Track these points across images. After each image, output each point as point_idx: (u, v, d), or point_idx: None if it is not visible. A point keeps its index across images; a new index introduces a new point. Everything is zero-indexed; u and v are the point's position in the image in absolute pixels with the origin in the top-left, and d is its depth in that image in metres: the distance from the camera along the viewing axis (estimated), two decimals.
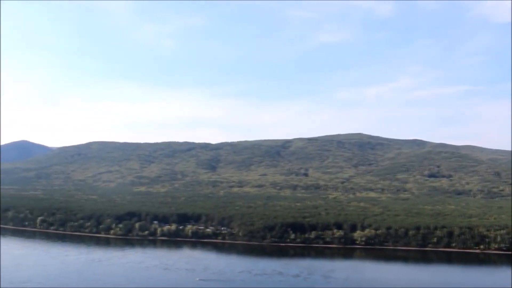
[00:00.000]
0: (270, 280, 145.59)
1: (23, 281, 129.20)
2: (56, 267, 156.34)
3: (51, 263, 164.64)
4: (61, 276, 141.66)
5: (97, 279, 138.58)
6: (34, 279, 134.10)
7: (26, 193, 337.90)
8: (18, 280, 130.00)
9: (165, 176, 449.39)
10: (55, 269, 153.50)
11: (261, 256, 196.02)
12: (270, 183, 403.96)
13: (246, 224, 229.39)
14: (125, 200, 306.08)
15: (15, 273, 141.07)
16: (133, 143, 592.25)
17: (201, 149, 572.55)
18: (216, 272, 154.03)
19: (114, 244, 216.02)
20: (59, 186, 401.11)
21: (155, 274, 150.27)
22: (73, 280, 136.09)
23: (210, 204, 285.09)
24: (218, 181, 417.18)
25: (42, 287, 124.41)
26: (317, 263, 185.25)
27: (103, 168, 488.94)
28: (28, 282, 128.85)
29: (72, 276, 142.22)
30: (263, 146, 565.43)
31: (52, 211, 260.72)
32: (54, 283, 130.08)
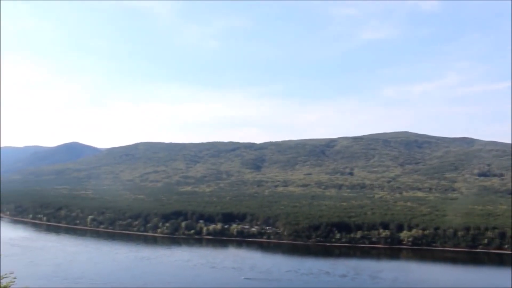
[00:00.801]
0: (317, 280, 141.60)
1: (77, 277, 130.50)
2: (107, 264, 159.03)
3: (102, 260, 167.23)
4: (112, 273, 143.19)
5: (147, 277, 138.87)
6: (87, 275, 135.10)
7: (77, 193, 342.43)
8: (72, 276, 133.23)
9: (211, 176, 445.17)
10: (106, 266, 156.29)
11: (307, 255, 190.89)
12: (315, 183, 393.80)
13: (291, 223, 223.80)
14: (171, 199, 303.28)
15: (69, 269, 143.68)
16: (179, 143, 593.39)
17: (246, 148, 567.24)
18: (263, 271, 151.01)
19: (161, 243, 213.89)
20: (108, 186, 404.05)
21: (203, 272, 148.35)
22: (123, 277, 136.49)
23: (255, 203, 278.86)
24: (263, 180, 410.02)
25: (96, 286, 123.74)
26: (363, 263, 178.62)
27: (150, 168, 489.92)
28: (81, 278, 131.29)
29: (123, 273, 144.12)
30: (308, 145, 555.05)
31: (101, 210, 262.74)
32: (106, 279, 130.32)
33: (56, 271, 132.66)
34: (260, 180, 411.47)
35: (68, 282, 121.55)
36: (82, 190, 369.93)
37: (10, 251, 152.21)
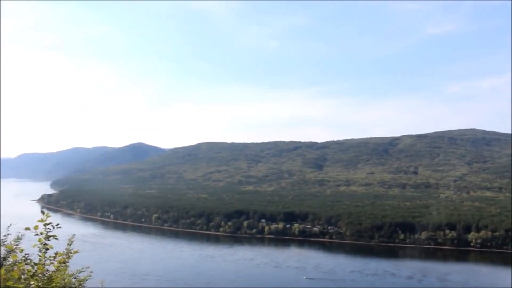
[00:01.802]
0: (382, 281, 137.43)
1: (144, 274, 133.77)
2: (172, 262, 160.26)
3: (168, 257, 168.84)
4: (178, 270, 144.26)
5: (211, 274, 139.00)
6: (153, 272, 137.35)
7: (142, 192, 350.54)
8: (139, 272, 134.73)
9: (272, 175, 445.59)
10: (171, 263, 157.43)
11: (370, 256, 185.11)
12: (378, 182, 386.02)
13: (353, 223, 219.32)
14: (233, 198, 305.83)
15: (136, 266, 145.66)
16: (240, 143, 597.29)
17: (307, 148, 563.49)
18: (327, 271, 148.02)
19: (224, 241, 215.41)
20: (172, 185, 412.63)
21: (266, 271, 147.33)
22: (188, 274, 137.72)
23: (317, 203, 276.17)
24: (324, 180, 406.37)
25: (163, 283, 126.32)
26: (429, 265, 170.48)
27: (213, 168, 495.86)
28: (148, 275, 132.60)
29: (188, 270, 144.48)
30: (370, 144, 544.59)
31: (166, 209, 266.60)
32: (172, 276, 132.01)
33: (124, 267, 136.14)
34: (322, 180, 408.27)
35: (136, 278, 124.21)
36: (147, 189, 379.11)
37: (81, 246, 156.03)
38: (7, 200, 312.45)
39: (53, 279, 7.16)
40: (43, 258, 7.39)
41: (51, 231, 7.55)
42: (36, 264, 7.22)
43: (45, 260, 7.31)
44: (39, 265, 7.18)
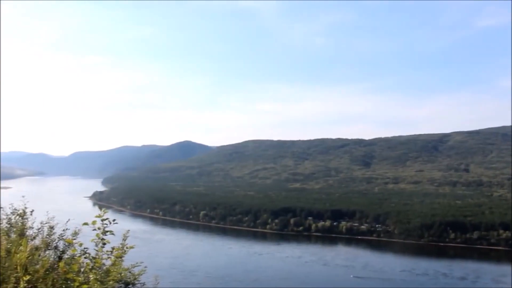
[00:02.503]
0: (434, 281, 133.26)
1: (193, 270, 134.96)
2: (220, 258, 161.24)
3: (216, 254, 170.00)
4: (226, 266, 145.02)
5: (260, 272, 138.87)
6: (202, 268, 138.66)
7: (190, 189, 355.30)
8: (188, 268, 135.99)
9: (319, 173, 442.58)
10: (220, 260, 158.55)
11: (419, 255, 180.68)
12: (427, 180, 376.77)
13: (402, 222, 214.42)
14: (280, 196, 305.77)
15: (186, 262, 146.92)
16: (287, 140, 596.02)
17: (355, 145, 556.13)
18: (376, 270, 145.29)
19: (271, 239, 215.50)
20: (219, 183, 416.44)
21: (315, 269, 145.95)
22: (237, 271, 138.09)
23: (365, 200, 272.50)
24: (372, 177, 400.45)
25: None
26: (482, 265, 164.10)
27: (259, 166, 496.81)
28: (197, 271, 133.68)
29: (236, 267, 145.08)
30: (419, 141, 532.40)
31: (213, 206, 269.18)
32: (221, 272, 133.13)
33: (174, 263, 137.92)
34: (370, 177, 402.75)
35: (185, 274, 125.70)
36: (194, 186, 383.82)
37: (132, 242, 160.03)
38: (61, 197, 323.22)
39: (110, 272, 7.41)
40: (100, 252, 7.59)
41: (107, 226, 7.77)
42: (94, 258, 7.48)
43: (102, 254, 7.55)
44: (97, 259, 7.44)
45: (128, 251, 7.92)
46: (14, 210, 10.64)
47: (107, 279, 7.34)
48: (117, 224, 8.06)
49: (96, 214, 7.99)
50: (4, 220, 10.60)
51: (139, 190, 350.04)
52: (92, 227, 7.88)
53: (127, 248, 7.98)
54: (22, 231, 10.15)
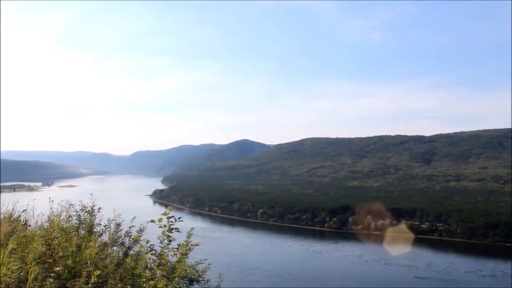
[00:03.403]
0: (503, 283, 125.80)
1: (252, 268, 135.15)
2: (279, 257, 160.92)
3: (275, 252, 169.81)
4: (286, 265, 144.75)
5: (320, 270, 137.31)
6: (261, 266, 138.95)
7: (248, 187, 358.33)
8: (248, 266, 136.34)
9: (378, 171, 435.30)
10: (279, 258, 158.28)
11: (484, 256, 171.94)
12: (492, 177, 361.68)
13: (465, 220, 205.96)
14: (338, 194, 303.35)
15: (245, 260, 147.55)
16: (345, 138, 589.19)
17: (415, 142, 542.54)
18: (440, 271, 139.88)
19: (329, 237, 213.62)
20: (276, 181, 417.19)
21: (376, 268, 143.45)
22: (296, 269, 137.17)
23: (425, 199, 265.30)
24: (433, 175, 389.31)
25: None
26: None
27: (317, 164, 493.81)
28: (256, 269, 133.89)
29: (296, 266, 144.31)
30: (483, 137, 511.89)
31: (271, 204, 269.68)
32: (280, 271, 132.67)
33: (233, 261, 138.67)
34: (430, 175, 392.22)
35: (245, 272, 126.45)
36: (252, 185, 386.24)
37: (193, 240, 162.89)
38: (123, 195, 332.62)
39: (176, 269, 7.55)
40: (166, 249, 7.71)
41: (173, 224, 7.85)
42: (160, 254, 7.63)
43: (168, 251, 7.68)
44: (163, 256, 7.58)
45: (193, 248, 7.93)
46: (83, 207, 11.03)
47: (173, 275, 7.47)
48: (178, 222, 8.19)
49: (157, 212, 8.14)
50: (74, 217, 10.99)
51: (198, 189, 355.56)
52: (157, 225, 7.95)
53: (192, 245, 7.97)
54: (90, 228, 10.51)
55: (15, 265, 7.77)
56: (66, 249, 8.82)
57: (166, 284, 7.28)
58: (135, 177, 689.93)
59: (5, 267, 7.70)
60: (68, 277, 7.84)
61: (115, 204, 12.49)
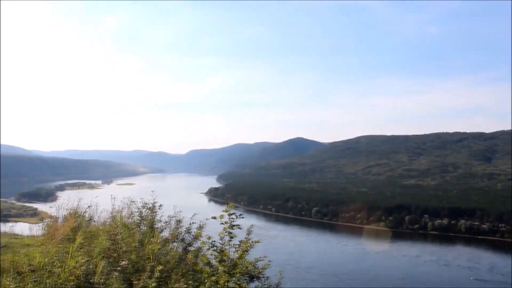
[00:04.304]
0: None
1: (308, 267, 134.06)
2: (335, 256, 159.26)
3: (331, 251, 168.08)
4: (342, 264, 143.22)
5: (376, 270, 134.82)
6: (317, 265, 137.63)
7: (302, 186, 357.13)
8: (303, 265, 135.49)
9: (435, 169, 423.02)
10: (335, 257, 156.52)
11: None
12: None
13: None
14: (394, 193, 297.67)
15: (300, 258, 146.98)
16: (400, 135, 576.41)
17: (474, 139, 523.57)
18: (504, 274, 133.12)
19: (384, 236, 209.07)
20: (331, 179, 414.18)
21: (434, 269, 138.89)
22: (353, 269, 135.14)
23: (486, 198, 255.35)
24: (494, 173, 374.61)
25: None
26: None
27: (372, 162, 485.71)
28: (312, 268, 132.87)
29: (352, 265, 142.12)
30: None
31: (325, 202, 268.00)
32: (336, 270, 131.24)
33: (289, 259, 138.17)
34: (491, 173, 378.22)
35: (300, 271, 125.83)
36: (307, 183, 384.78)
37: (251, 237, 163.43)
38: (179, 193, 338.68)
39: (237, 265, 7.62)
40: (227, 246, 7.77)
41: (234, 220, 7.97)
42: (222, 251, 7.72)
43: (229, 248, 7.77)
44: (225, 252, 7.67)
45: (254, 245, 7.96)
46: (144, 204, 11.33)
47: (234, 271, 7.54)
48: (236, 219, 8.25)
49: (212, 210, 8.26)
50: (136, 213, 11.30)
51: (252, 187, 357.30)
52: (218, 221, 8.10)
53: (253, 242, 8.00)
54: (152, 224, 10.76)
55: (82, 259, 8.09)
56: (129, 245, 9.20)
57: (228, 280, 7.36)
58: (190, 175, 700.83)
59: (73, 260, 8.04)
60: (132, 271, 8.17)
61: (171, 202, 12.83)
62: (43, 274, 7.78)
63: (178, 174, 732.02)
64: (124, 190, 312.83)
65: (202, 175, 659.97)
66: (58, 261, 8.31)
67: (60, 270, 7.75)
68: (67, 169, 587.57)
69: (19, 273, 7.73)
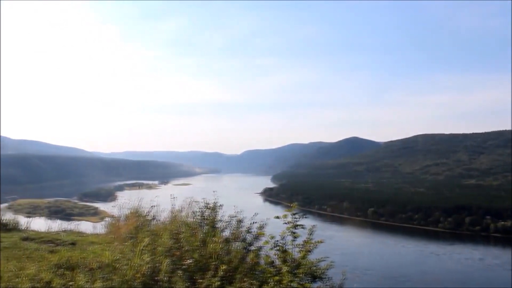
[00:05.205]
0: None
1: (366, 268, 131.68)
2: (393, 257, 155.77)
3: (388, 253, 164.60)
4: (400, 266, 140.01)
5: (438, 273, 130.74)
6: (375, 267, 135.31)
7: (358, 186, 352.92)
8: (361, 267, 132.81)
9: (497, 168, 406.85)
10: (392, 259, 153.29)
11: None
12: None
13: None
14: (453, 193, 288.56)
15: (357, 260, 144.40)
16: (459, 134, 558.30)
17: None
18: None
19: (443, 238, 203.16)
20: (387, 179, 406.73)
21: (500, 274, 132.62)
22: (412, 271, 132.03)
23: None
24: None
25: None
26: None
27: (430, 161, 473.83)
28: (370, 270, 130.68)
29: (410, 267, 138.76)
30: None
31: (382, 203, 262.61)
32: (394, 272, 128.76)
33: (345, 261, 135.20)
34: None
35: (358, 272, 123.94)
36: (362, 183, 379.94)
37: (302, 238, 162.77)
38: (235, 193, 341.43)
39: (300, 265, 7.58)
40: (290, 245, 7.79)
41: (298, 220, 8.11)
42: (285, 250, 7.71)
43: (293, 248, 7.75)
44: (289, 252, 7.66)
45: (317, 245, 7.96)
46: (206, 204, 11.50)
47: (297, 271, 7.52)
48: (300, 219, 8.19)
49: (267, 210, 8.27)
50: (198, 213, 11.44)
51: (307, 187, 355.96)
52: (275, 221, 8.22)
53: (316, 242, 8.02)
54: (213, 223, 10.94)
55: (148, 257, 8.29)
56: (192, 244, 9.29)
57: (291, 280, 7.34)
58: (245, 175, 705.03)
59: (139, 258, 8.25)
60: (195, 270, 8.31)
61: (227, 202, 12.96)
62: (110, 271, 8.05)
63: (233, 174, 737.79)
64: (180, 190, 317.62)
65: (256, 175, 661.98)
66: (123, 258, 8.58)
67: (126, 267, 7.99)
68: (125, 170, 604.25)
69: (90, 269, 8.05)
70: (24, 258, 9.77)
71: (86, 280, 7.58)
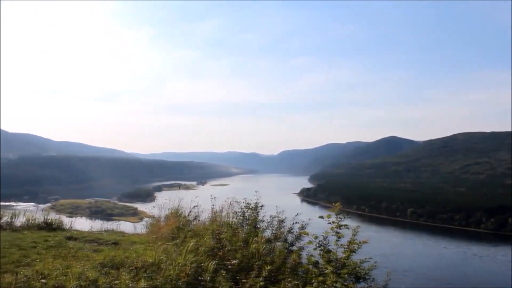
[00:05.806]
0: None
1: (405, 269, 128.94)
2: (433, 259, 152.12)
3: (428, 253, 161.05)
4: (441, 268, 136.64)
5: (482, 276, 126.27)
6: (414, 268, 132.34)
7: (396, 186, 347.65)
8: (400, 268, 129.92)
9: None
10: (433, 260, 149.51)
11: None
12: None
13: None
14: (495, 193, 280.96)
15: (397, 261, 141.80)
16: (501, 132, 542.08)
17: None
18: None
19: (486, 239, 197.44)
20: (426, 179, 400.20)
21: None
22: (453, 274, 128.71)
23: None
24: None
25: None
26: None
27: (471, 160, 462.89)
28: (409, 271, 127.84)
29: (452, 269, 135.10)
30: None
31: (421, 203, 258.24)
32: (435, 274, 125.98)
33: (385, 262, 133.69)
34: None
35: (397, 274, 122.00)
36: (401, 183, 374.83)
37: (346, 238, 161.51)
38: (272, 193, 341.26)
39: (345, 266, 7.51)
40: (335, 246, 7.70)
41: (342, 220, 7.92)
42: (330, 251, 7.65)
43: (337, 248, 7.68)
44: (334, 252, 7.60)
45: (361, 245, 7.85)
46: (247, 204, 11.54)
47: (342, 271, 7.45)
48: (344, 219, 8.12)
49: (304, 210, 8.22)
50: (239, 213, 11.54)
51: (345, 187, 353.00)
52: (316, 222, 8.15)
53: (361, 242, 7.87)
54: (254, 223, 11.04)
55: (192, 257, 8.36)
56: (234, 244, 9.33)
57: (335, 280, 7.26)
58: (282, 175, 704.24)
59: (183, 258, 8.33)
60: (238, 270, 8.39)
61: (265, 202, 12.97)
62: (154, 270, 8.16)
63: (271, 175, 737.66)
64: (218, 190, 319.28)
65: (294, 176, 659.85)
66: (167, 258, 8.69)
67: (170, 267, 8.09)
68: (163, 171, 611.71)
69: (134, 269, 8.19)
70: (69, 257, 9.98)
71: (131, 279, 7.69)
